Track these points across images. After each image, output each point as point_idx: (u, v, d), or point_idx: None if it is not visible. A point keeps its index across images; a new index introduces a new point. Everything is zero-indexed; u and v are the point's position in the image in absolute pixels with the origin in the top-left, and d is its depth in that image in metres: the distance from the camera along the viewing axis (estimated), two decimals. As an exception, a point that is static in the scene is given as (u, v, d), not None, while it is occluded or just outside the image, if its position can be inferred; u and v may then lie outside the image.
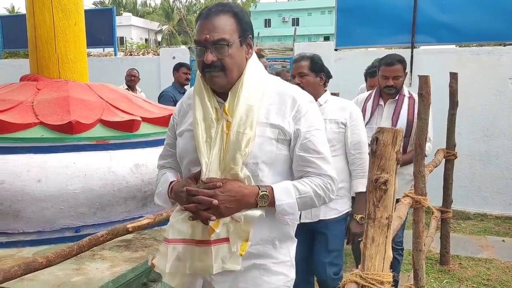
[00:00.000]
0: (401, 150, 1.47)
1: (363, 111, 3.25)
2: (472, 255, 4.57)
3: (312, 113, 1.59)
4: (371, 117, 3.26)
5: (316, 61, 2.67)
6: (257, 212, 1.50)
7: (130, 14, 46.09)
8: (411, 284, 2.74)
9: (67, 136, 2.83)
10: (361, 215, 2.61)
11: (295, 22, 44.23)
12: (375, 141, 1.41)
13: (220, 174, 1.50)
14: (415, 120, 3.02)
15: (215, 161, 1.51)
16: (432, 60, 5.91)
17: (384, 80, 3.19)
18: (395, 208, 2.49)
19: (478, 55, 5.74)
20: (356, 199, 2.68)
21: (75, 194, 2.65)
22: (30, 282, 2.16)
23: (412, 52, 5.97)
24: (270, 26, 46.90)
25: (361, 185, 2.58)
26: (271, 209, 1.52)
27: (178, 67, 5.51)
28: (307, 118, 1.57)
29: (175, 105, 2.52)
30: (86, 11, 10.33)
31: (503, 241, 4.95)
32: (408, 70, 5.87)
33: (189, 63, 7.41)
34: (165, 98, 5.09)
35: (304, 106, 1.57)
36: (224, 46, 1.48)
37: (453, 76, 4.14)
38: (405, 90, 3.27)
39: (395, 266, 3.31)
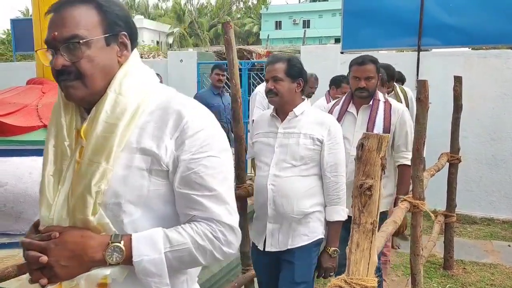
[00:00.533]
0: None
1: None
2: (477, 260, 4.53)
3: (205, 134, 1.15)
4: None
5: (294, 64, 2.31)
6: (101, 273, 1.06)
7: (142, 16, 46.51)
8: (409, 289, 2.74)
9: (69, 139, 2.87)
10: (334, 248, 2.34)
11: (306, 24, 44.22)
12: (360, 147, 1.42)
13: (68, 220, 1.11)
14: (392, 127, 2.85)
15: (62, 203, 1.14)
16: (438, 62, 5.87)
17: (355, 82, 2.82)
18: (391, 212, 2.50)
19: (485, 57, 5.69)
20: (329, 229, 2.36)
21: (76, 196, 2.69)
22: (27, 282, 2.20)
23: (418, 54, 5.94)
24: (280, 28, 46.95)
25: (336, 214, 2.32)
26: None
27: (212, 69, 5.36)
28: (195, 141, 1.13)
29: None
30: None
31: (509, 246, 4.90)
32: (414, 73, 5.93)
33: (196, 66, 7.47)
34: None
35: (193, 124, 1.14)
36: (77, 44, 1.10)
37: (457, 80, 4.13)
38: (380, 95, 2.93)
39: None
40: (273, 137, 2.37)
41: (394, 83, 4.31)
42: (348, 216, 2.20)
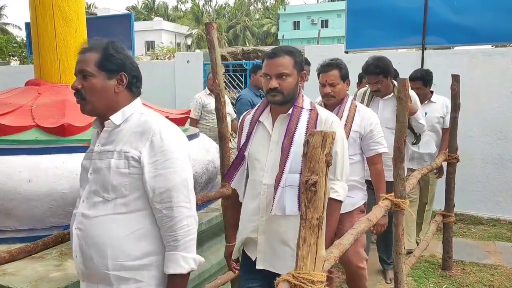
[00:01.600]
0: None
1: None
2: (478, 260, 4.46)
3: None
4: (246, 139, 2.18)
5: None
6: None
7: (161, 18, 47.03)
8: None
9: (59, 138, 2.97)
10: None
11: (324, 24, 44.01)
12: (306, 144, 1.44)
13: None
14: None
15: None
16: (443, 61, 5.80)
17: (266, 81, 2.11)
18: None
19: (490, 56, 5.60)
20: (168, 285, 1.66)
21: (63, 194, 2.77)
22: (12, 277, 2.29)
23: (422, 53, 5.88)
24: (299, 29, 46.86)
25: (173, 263, 1.62)
26: None
27: (255, 70, 5.14)
28: None
29: (252, 108, 2.36)
30: (105, 17, 10.69)
31: (512, 247, 4.82)
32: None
33: (203, 67, 7.55)
34: (244, 102, 4.94)
35: None
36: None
37: (455, 78, 4.08)
38: (306, 101, 2.14)
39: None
40: (89, 158, 1.75)
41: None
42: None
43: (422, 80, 4.32)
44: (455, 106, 4.12)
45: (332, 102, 2.92)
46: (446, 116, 4.42)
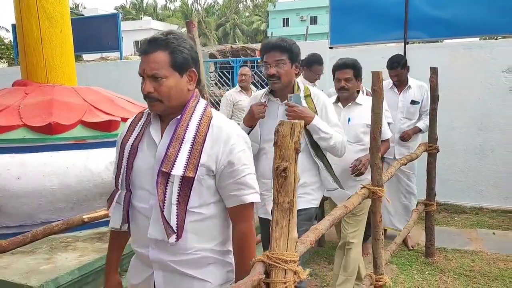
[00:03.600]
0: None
1: None
2: (460, 247, 4.60)
3: None
4: None
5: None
6: None
7: (150, 18, 46.85)
8: (371, 272, 2.84)
9: (46, 137, 3.04)
10: None
11: (313, 20, 44.18)
12: (276, 133, 1.54)
13: None
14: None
15: None
16: (424, 55, 5.92)
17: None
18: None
19: (470, 48, 5.74)
20: None
21: (52, 190, 2.85)
22: (3, 270, 2.37)
23: (405, 47, 6.00)
24: (288, 25, 47.00)
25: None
26: None
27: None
28: None
29: None
30: (92, 18, 10.69)
31: (494, 233, 4.96)
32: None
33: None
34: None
35: None
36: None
37: (433, 71, 4.20)
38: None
39: None
40: None
41: None
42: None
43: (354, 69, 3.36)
44: (434, 98, 4.24)
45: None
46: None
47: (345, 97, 3.25)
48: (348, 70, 3.18)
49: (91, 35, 7.61)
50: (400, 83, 4.55)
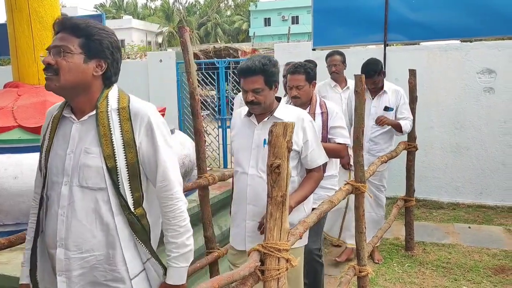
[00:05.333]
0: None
1: None
2: (437, 241, 4.83)
3: None
4: None
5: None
6: None
7: (131, 17, 46.52)
8: (354, 263, 3.02)
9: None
10: None
11: (295, 20, 44.50)
12: (270, 133, 1.69)
13: None
14: None
15: None
16: (404, 57, 6.15)
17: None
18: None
19: (446, 51, 5.98)
20: None
21: (48, 189, 2.94)
22: (5, 266, 2.46)
23: (385, 50, 6.23)
24: (270, 25, 47.24)
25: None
26: None
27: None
28: None
29: None
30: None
31: (469, 227, 5.20)
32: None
33: (175, 66, 7.70)
34: None
35: None
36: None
37: (412, 73, 4.41)
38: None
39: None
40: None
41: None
42: None
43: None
44: (413, 99, 4.45)
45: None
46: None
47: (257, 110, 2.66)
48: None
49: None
50: (376, 89, 4.27)
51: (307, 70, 3.04)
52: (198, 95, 3.07)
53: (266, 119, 2.42)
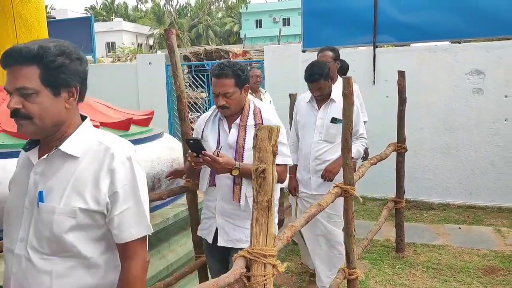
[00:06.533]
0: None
1: None
2: (428, 242, 4.83)
3: None
4: None
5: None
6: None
7: (121, 19, 46.35)
8: (344, 267, 3.00)
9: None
10: None
11: (286, 22, 44.58)
12: (255, 137, 1.67)
13: None
14: None
15: None
16: (393, 58, 6.17)
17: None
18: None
19: (435, 52, 6.01)
20: None
21: (33, 195, 2.89)
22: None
23: (374, 51, 6.24)
24: (261, 27, 47.28)
25: None
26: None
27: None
28: None
29: None
30: (65, 20, 10.55)
31: (459, 228, 5.21)
32: (371, 69, 6.23)
33: (165, 68, 7.66)
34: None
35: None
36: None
37: (401, 74, 4.40)
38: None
39: None
40: None
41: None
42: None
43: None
44: (401, 100, 4.45)
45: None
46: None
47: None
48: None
49: (65, 38, 7.53)
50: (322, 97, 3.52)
51: (237, 72, 2.41)
52: (186, 99, 3.04)
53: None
